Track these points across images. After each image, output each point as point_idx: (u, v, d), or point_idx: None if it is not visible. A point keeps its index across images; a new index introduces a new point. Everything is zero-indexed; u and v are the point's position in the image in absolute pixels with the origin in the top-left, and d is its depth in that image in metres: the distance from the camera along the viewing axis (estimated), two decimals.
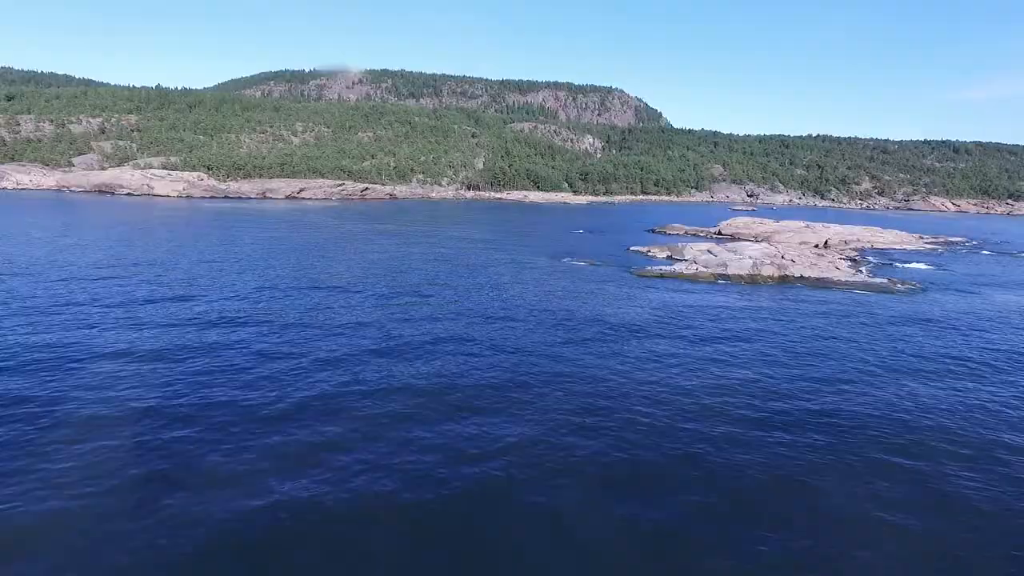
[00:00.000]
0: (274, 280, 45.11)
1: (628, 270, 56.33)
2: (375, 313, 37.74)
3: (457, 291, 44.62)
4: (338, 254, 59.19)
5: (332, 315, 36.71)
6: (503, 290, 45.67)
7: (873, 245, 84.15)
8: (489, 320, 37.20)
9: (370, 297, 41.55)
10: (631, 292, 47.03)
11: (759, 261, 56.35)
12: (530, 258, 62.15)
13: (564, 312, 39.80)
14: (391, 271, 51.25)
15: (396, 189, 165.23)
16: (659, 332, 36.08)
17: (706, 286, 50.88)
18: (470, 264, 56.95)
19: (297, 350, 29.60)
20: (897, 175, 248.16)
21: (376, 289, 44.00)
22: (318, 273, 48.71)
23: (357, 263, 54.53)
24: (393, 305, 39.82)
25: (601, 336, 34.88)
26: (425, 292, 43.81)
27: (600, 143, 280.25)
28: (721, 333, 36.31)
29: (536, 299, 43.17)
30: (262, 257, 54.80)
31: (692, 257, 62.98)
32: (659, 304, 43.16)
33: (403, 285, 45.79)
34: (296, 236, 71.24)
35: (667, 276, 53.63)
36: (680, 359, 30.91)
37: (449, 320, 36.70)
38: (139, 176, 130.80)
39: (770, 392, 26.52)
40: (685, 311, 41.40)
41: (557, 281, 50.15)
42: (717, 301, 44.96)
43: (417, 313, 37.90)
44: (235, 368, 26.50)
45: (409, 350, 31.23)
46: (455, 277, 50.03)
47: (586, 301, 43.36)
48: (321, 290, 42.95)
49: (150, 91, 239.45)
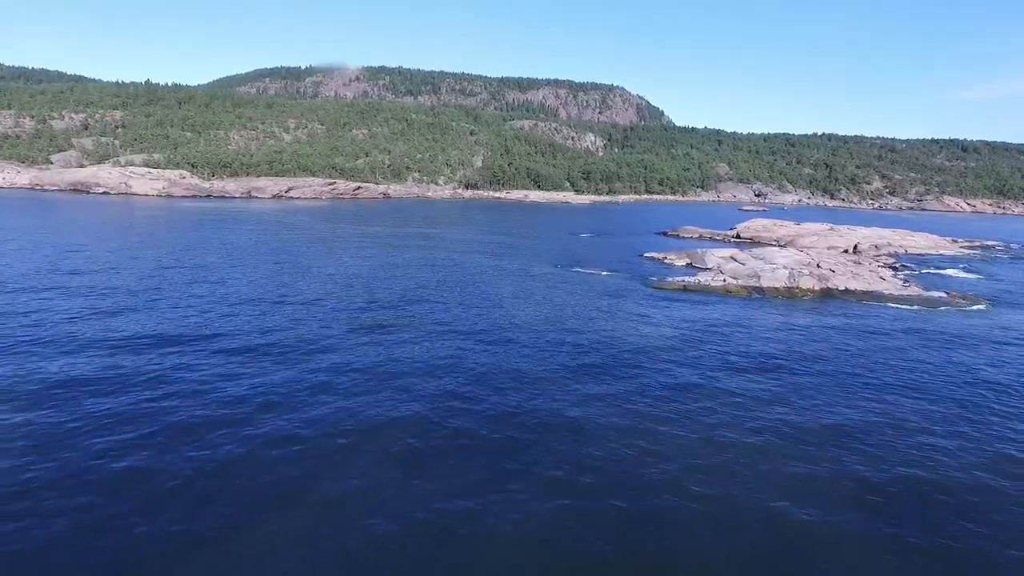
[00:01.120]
0: (229, 295, 37.95)
1: (645, 281, 49.23)
2: (341, 336, 30.63)
3: (446, 308, 37.51)
4: (313, 262, 52.05)
5: (286, 338, 29.61)
6: (502, 307, 38.54)
7: (907, 250, 77.03)
8: (483, 345, 30.10)
9: (340, 315, 34.43)
10: (651, 309, 39.93)
11: (795, 271, 49.23)
12: (533, 266, 55.02)
13: (573, 336, 32.70)
14: (371, 283, 44.12)
15: (390, 188, 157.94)
16: (691, 362, 28.96)
17: (738, 301, 43.78)
18: (464, 274, 49.84)
19: (229, 389, 22.53)
20: (908, 174, 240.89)
21: (349, 305, 36.87)
22: (282, 286, 41.57)
23: (332, 273, 47.41)
24: (366, 326, 32.70)
25: (619, 366, 27.78)
26: (407, 309, 36.70)
27: (602, 141, 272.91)
28: (771, 363, 29.21)
29: (541, 319, 36.06)
30: (223, 266, 47.64)
31: (716, 265, 55.86)
32: (686, 325, 36.06)
33: (383, 300, 38.68)
34: (271, 240, 64.10)
35: (691, 289, 46.51)
36: (724, 402, 23.82)
37: (433, 344, 29.61)
38: (117, 174, 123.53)
39: (862, 453, 19.41)
40: (719, 334, 34.29)
41: (565, 295, 43.04)
42: (755, 320, 37.86)
43: (393, 336, 30.78)
44: (154, 417, 19.41)
45: (375, 386, 24.20)
46: (445, 290, 42.91)
47: (600, 321, 36.25)
48: (281, 307, 35.81)
49: (139, 87, 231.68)
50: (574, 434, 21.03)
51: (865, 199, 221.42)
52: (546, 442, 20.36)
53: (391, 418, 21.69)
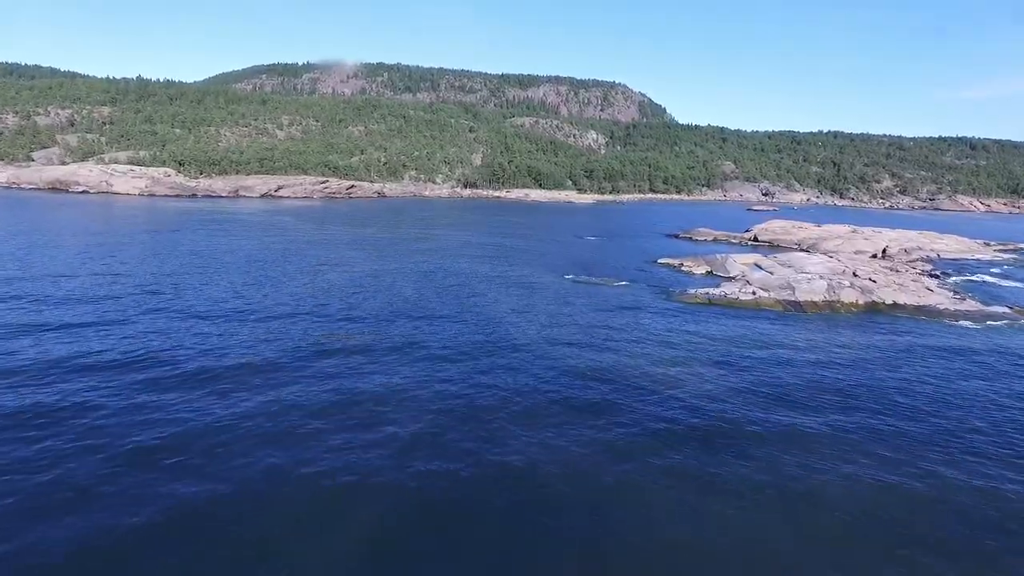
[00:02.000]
0: (179, 309, 32.18)
1: (664, 293, 43.49)
2: (303, 362, 24.96)
3: (435, 327, 31.78)
4: (288, 270, 46.27)
5: (234, 364, 23.99)
6: (500, 327, 32.81)
7: (939, 255, 71.24)
8: (476, 376, 24.43)
9: (307, 335, 28.71)
10: (676, 329, 34.20)
11: (834, 283, 43.47)
12: (536, 275, 49.27)
13: (586, 364, 27.01)
14: (351, 296, 38.37)
15: (386, 187, 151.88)
16: (733, 400, 23.26)
17: (772, 317, 38.05)
18: (458, 285, 44.10)
19: (138, 436, 16.90)
20: (918, 173, 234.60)
21: (320, 323, 31.12)
22: (245, 300, 35.81)
23: (308, 284, 41.64)
24: (337, 349, 27.02)
25: (646, 406, 22.11)
26: (389, 330, 30.98)
27: (604, 139, 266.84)
28: (834, 399, 23.50)
29: (547, 343, 30.35)
30: (183, 275, 41.85)
31: (739, 274, 50.14)
32: (719, 348, 30.33)
33: (362, 317, 32.95)
34: (248, 244, 58.33)
35: (718, 303, 40.77)
36: (792, 461, 18.10)
37: (414, 375, 23.93)
38: (97, 172, 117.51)
39: None
40: (761, 360, 28.58)
41: (575, 312, 37.30)
42: (800, 342, 32.13)
43: (367, 363, 25.09)
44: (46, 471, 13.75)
45: (331, 435, 18.65)
46: (435, 304, 37.16)
47: (618, 345, 30.53)
48: (238, 325, 30.05)
49: (129, 82, 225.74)
50: (595, 514, 15.38)
51: (875, 198, 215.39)
52: (561, 530, 14.74)
53: (347, 489, 16.03)
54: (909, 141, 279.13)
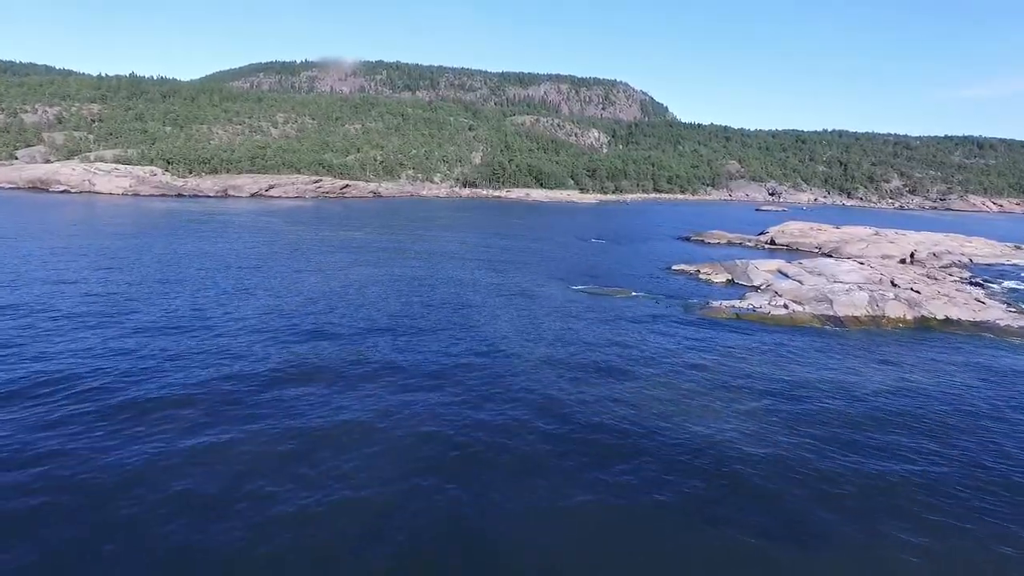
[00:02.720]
0: (126, 325, 27.28)
1: (684, 306, 38.58)
2: (259, 388, 20.09)
3: (421, 349, 26.87)
4: (262, 279, 41.33)
5: (182, 387, 19.08)
6: (499, 350, 27.90)
7: (971, 259, 66.26)
8: (469, 413, 19.53)
9: (276, 351, 23.85)
10: (703, 350, 29.32)
11: (876, 294, 38.52)
12: (540, 284, 44.35)
13: (600, 400, 22.13)
14: (328, 309, 33.45)
15: (382, 186, 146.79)
16: (788, 442, 18.32)
17: (810, 334, 33.15)
18: (452, 296, 39.20)
19: (54, 485, 12.09)
20: (927, 172, 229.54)
21: (286, 341, 26.24)
22: (211, 313, 30.87)
23: (284, 294, 36.73)
24: (309, 374, 22.14)
25: (676, 456, 17.21)
26: (370, 348, 26.09)
27: (606, 137, 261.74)
28: (917, 445, 18.55)
29: (552, 367, 25.48)
30: (139, 283, 36.91)
31: (764, 283, 45.22)
32: (759, 374, 25.44)
33: (341, 331, 28.04)
34: (225, 249, 53.43)
35: (747, 318, 35.85)
36: None
37: (393, 406, 19.05)
38: (80, 171, 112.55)
39: None
40: (808, 389, 23.69)
41: (583, 328, 32.38)
42: (850, 366, 27.20)
43: (337, 392, 20.20)
44: None
45: (281, 489, 13.79)
46: (424, 319, 32.24)
47: (635, 371, 25.65)
48: (199, 343, 25.15)
49: (121, 79, 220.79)
50: None
51: (884, 198, 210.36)
52: None
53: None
54: (915, 140, 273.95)
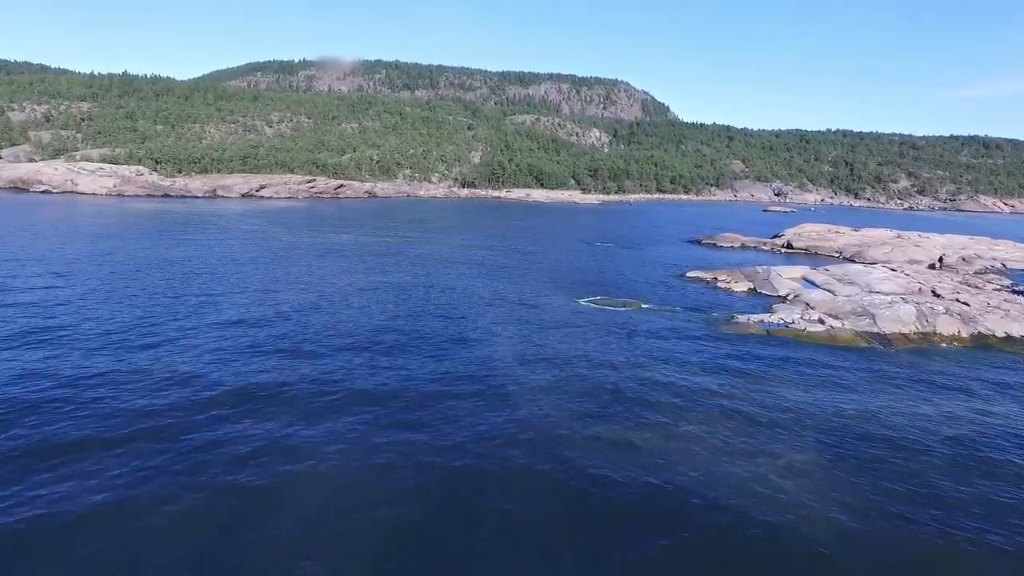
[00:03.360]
0: (71, 340, 22.92)
1: (705, 319, 34.24)
2: (207, 425, 15.72)
3: (404, 374, 22.50)
4: (233, 287, 36.95)
5: (106, 422, 14.75)
6: (493, 377, 23.54)
7: (1004, 264, 61.91)
8: (453, 465, 15.19)
9: (230, 374, 19.51)
10: (734, 377, 25.00)
11: (925, 308, 34.13)
12: (541, 294, 39.99)
13: (616, 445, 17.77)
14: (304, 322, 29.08)
15: (378, 186, 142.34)
16: (870, 520, 13.99)
17: (855, 356, 28.80)
18: (442, 307, 34.84)
19: None
20: (935, 172, 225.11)
21: (255, 358, 21.89)
22: (162, 327, 26.51)
23: (253, 306, 32.34)
24: (266, 404, 17.79)
25: (716, 520, 12.92)
26: (344, 371, 21.73)
27: (607, 137, 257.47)
28: None
29: (557, 396, 21.16)
30: (89, 293, 32.56)
31: (792, 293, 40.86)
32: (808, 412, 21.10)
33: (311, 351, 23.68)
34: (198, 252, 49.08)
35: (778, 334, 31.49)
36: None
37: (363, 449, 14.74)
38: (63, 171, 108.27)
39: None
40: (875, 436, 19.34)
41: (592, 349, 28.03)
42: (918, 400, 22.88)
43: (298, 433, 15.86)
44: None
45: None
46: (410, 336, 27.86)
47: (658, 406, 21.32)
48: (138, 365, 20.77)
49: (113, 78, 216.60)
50: None
51: (893, 199, 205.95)
52: None
53: None
54: (921, 140, 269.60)
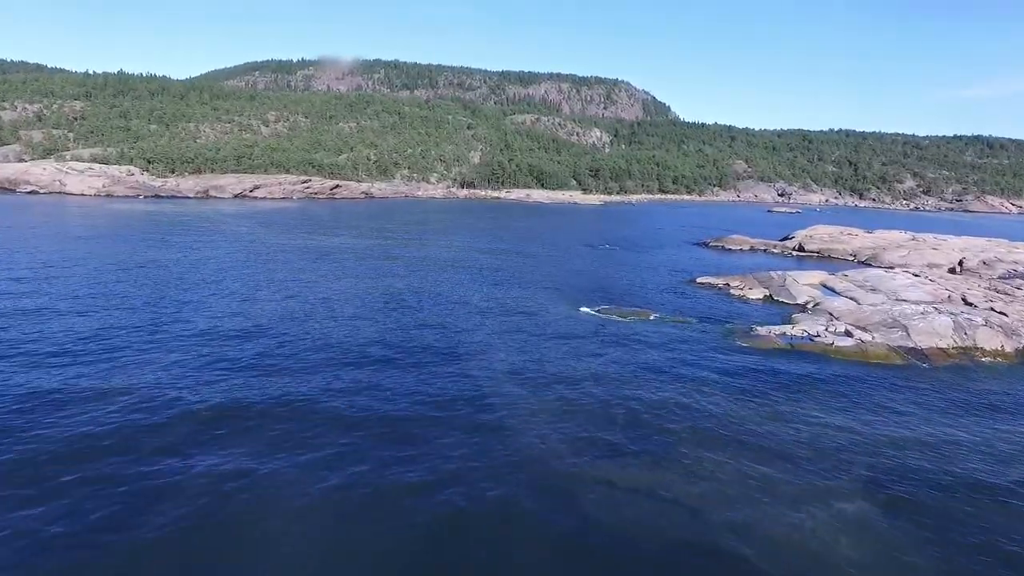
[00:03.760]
0: (39, 351, 20.20)
1: (721, 331, 31.44)
2: (166, 455, 12.94)
3: (389, 395, 19.70)
4: (209, 295, 34.16)
5: (51, 443, 12.05)
6: (489, 400, 20.74)
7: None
8: (438, 510, 12.51)
9: (195, 391, 16.73)
10: (758, 400, 22.22)
11: (962, 319, 31.31)
12: (542, 302, 37.20)
13: (632, 490, 14.98)
14: (284, 334, 26.30)
15: (375, 187, 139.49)
16: None
17: (892, 375, 26.01)
18: (435, 318, 32.03)
19: None
20: (940, 172, 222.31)
21: (225, 373, 19.09)
22: (125, 342, 23.74)
23: (230, 316, 29.55)
24: (234, 425, 14.99)
25: None
26: (323, 390, 18.92)
27: (608, 137, 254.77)
28: None
29: (562, 422, 18.38)
30: (58, 300, 29.78)
31: (811, 301, 38.08)
32: (844, 446, 18.31)
33: (290, 366, 20.90)
34: (179, 256, 46.30)
35: (803, 349, 28.70)
36: None
37: (336, 487, 12.07)
38: (51, 171, 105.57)
39: None
40: (931, 473, 16.55)
41: (598, 366, 25.23)
42: (968, 430, 20.11)
43: (267, 464, 13.12)
44: None
45: None
46: (398, 350, 25.06)
47: (673, 439, 18.55)
48: (99, 380, 17.99)
49: (108, 77, 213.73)
50: None
51: (898, 199, 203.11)
52: None
53: None
54: (924, 140, 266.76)
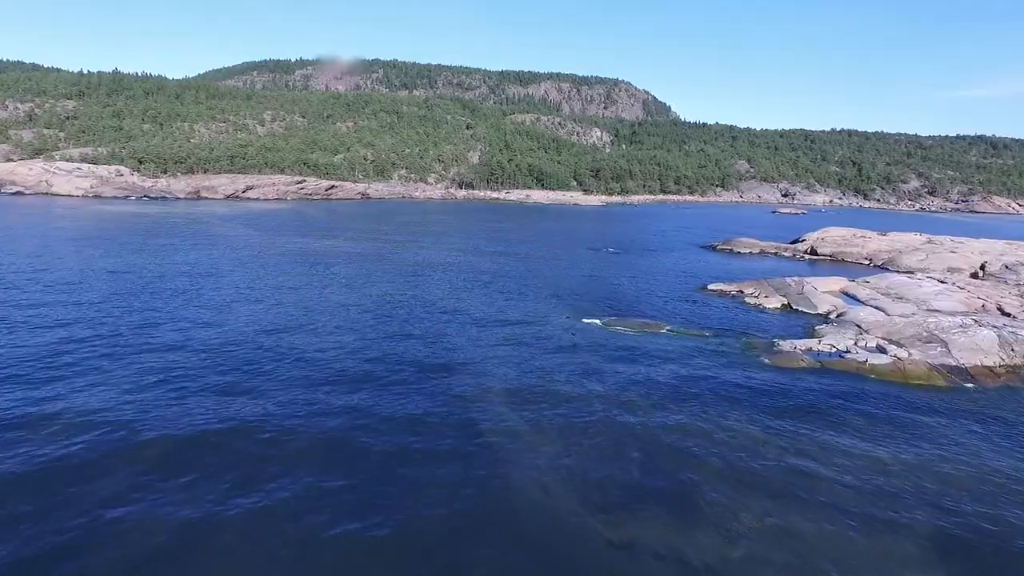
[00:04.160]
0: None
1: (740, 346, 28.59)
2: (129, 479, 10.21)
3: (370, 424, 16.85)
4: (183, 304, 31.29)
5: None
6: (482, 429, 17.88)
7: None
8: None
9: (163, 412, 13.93)
10: (792, 430, 19.38)
11: (1007, 333, 28.47)
12: (544, 314, 34.34)
13: (655, 551, 12.18)
14: (262, 345, 23.46)
15: (371, 187, 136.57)
16: None
17: (939, 399, 23.19)
18: (427, 332, 29.18)
19: None
20: (945, 173, 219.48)
21: (194, 395, 16.26)
22: (78, 354, 20.91)
23: (208, 324, 26.71)
24: (200, 454, 12.23)
25: None
26: (296, 419, 16.09)
27: (609, 137, 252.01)
28: None
29: (564, 468, 15.51)
30: (13, 310, 26.98)
31: (834, 310, 35.23)
32: (903, 495, 15.45)
33: (270, 386, 18.06)
34: (151, 262, 43.46)
35: (834, 367, 25.87)
36: None
37: (312, 526, 9.31)
38: (38, 171, 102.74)
39: None
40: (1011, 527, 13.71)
41: (607, 390, 22.40)
42: None
43: (231, 502, 10.43)
44: None
45: None
46: (383, 372, 22.23)
47: (698, 484, 15.71)
48: (48, 396, 15.22)
49: (103, 76, 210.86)
50: None
51: (903, 200, 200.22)
52: None
53: None
54: (928, 140, 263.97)
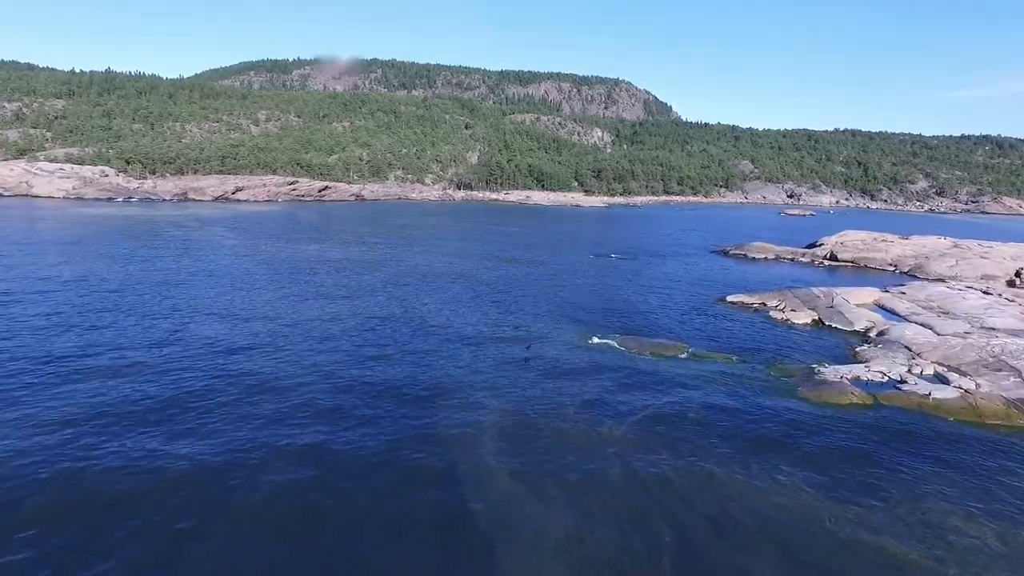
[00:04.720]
0: None
1: (768, 373, 24.58)
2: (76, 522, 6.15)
3: (352, 460, 12.90)
4: (146, 319, 27.26)
5: None
6: (474, 476, 13.88)
7: None
8: None
9: (116, 444, 10.06)
10: (855, 486, 15.36)
11: None
12: (544, 330, 30.27)
13: None
14: (223, 366, 19.49)
15: (366, 188, 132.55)
16: None
17: (1017, 442, 19.25)
18: (414, 352, 25.14)
19: None
20: (953, 173, 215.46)
21: (144, 425, 12.43)
22: (21, 378, 17.00)
23: (172, 340, 22.72)
24: (155, 493, 8.32)
25: None
26: (264, 454, 12.24)
27: (610, 137, 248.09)
28: None
29: (580, 548, 11.53)
30: None
31: (872, 327, 31.21)
32: None
33: (231, 415, 14.14)
34: (120, 271, 39.46)
35: (890, 403, 21.85)
36: None
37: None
38: (19, 172, 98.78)
39: None
40: None
41: (621, 431, 18.36)
42: None
43: None
44: None
45: None
46: (366, 392, 18.23)
47: (752, 565, 11.67)
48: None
49: (94, 75, 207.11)
50: None
51: (911, 200, 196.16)
52: None
53: None
54: (933, 139, 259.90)
